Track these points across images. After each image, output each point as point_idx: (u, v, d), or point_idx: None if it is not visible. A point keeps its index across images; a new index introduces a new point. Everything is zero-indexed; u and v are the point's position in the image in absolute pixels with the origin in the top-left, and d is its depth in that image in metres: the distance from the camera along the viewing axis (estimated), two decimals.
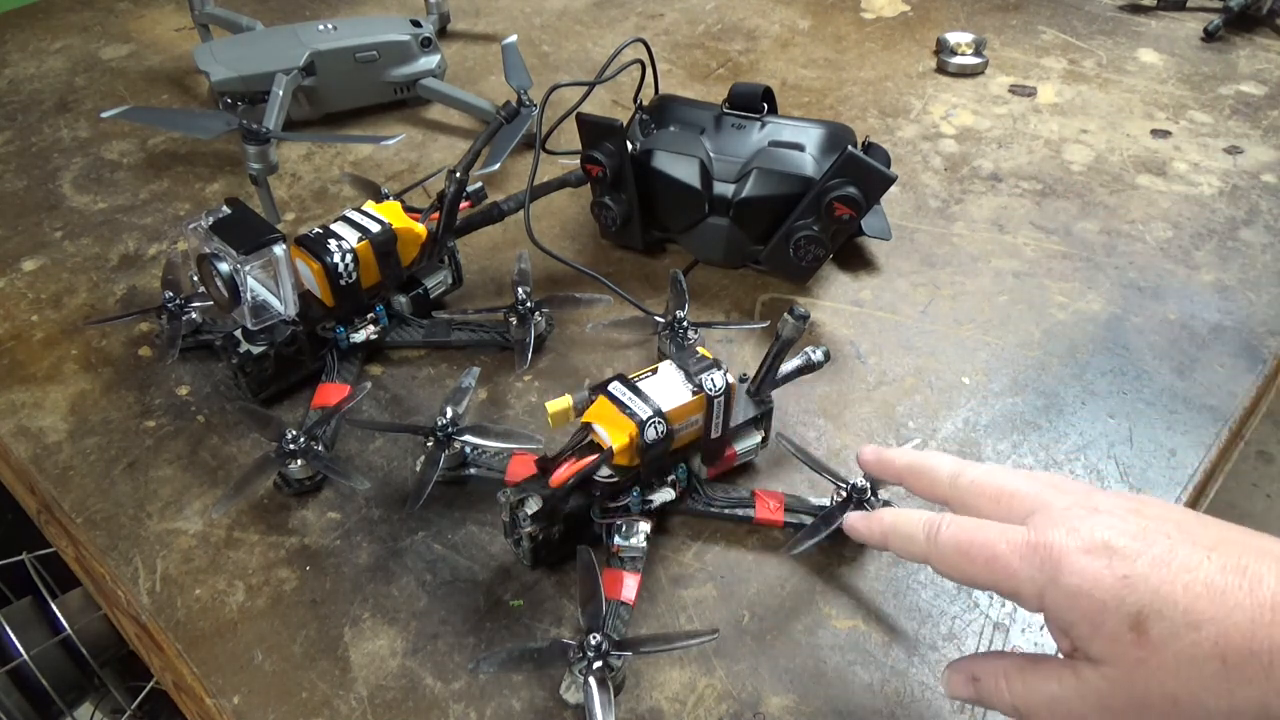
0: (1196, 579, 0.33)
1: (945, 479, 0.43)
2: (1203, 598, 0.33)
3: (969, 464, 0.43)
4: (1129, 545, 0.35)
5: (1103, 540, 0.35)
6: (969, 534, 0.39)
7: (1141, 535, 0.35)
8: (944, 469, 0.43)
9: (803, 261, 0.67)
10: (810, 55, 1.02)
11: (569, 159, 0.82)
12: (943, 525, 0.40)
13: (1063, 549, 0.36)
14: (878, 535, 0.45)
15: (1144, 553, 0.34)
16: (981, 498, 0.41)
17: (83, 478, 0.59)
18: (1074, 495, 0.39)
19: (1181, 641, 0.33)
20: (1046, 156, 0.86)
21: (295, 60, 0.85)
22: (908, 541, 0.42)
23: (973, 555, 0.38)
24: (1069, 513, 0.37)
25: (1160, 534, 0.35)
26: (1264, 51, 1.01)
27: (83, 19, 1.10)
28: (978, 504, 0.41)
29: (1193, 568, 0.34)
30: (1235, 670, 0.32)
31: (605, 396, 0.49)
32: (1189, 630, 0.33)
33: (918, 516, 0.42)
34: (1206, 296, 0.71)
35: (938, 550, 0.40)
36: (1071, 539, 0.36)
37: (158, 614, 0.52)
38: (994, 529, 0.38)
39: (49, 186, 0.84)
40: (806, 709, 0.47)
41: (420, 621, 0.51)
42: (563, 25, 1.08)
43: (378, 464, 0.59)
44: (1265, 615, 0.32)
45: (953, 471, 0.43)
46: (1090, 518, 0.36)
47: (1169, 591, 0.33)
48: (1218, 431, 0.61)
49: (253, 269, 0.57)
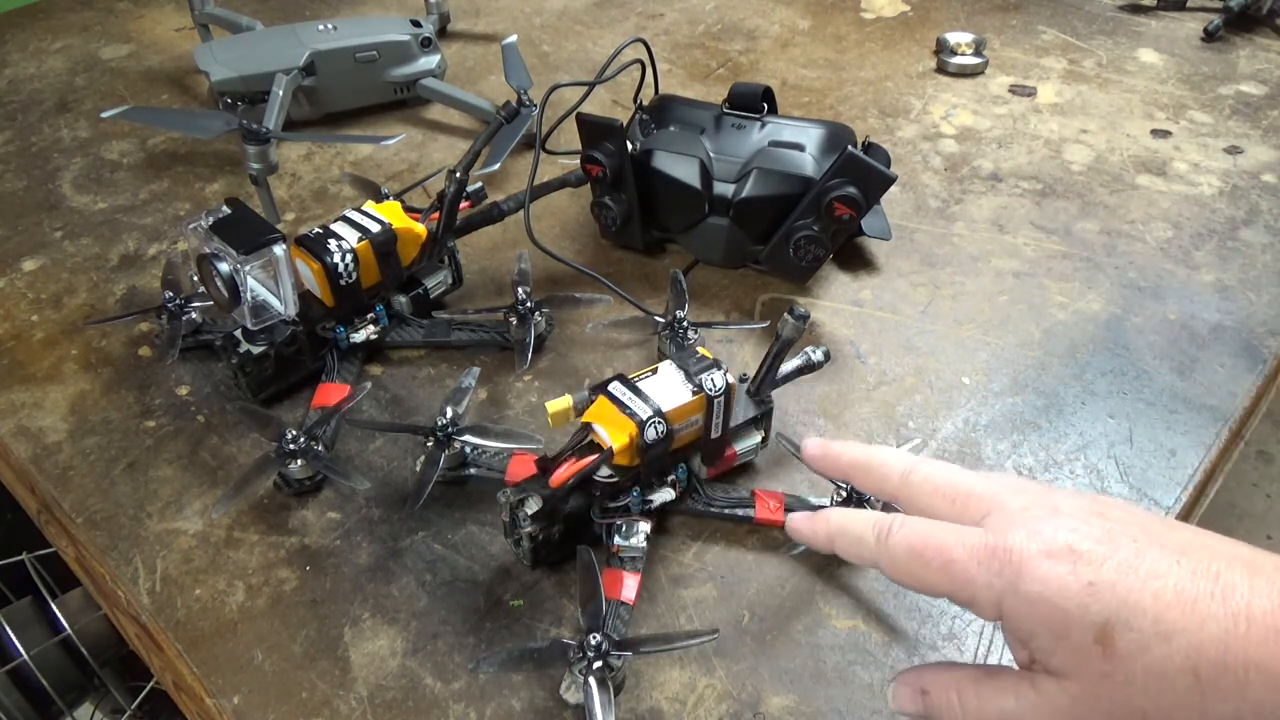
0: (1166, 586, 0.31)
1: (896, 475, 0.41)
2: (1173, 607, 0.31)
3: (921, 460, 0.41)
4: (1093, 549, 0.33)
5: (1066, 544, 0.33)
6: (922, 536, 0.36)
7: (1106, 539, 0.33)
8: (894, 465, 0.41)
9: (803, 261, 0.67)
10: (810, 55, 1.02)
11: (569, 159, 0.82)
12: (894, 526, 0.37)
13: (1023, 553, 0.33)
14: (822, 537, 0.42)
15: (1110, 557, 0.32)
16: (935, 496, 0.39)
17: (83, 478, 0.59)
18: (1031, 495, 0.36)
19: (1151, 654, 0.31)
20: (1046, 156, 0.86)
21: (295, 60, 0.85)
22: (856, 544, 0.39)
23: (927, 559, 0.36)
24: (1028, 514, 0.35)
25: (1126, 537, 0.33)
26: (1264, 51, 1.01)
27: (83, 19, 1.10)
28: (931, 503, 0.39)
29: (1162, 574, 0.32)
30: (1209, 685, 0.30)
31: (605, 396, 0.49)
32: (1159, 642, 0.31)
33: (867, 517, 0.39)
34: (1206, 296, 0.71)
35: (889, 553, 0.37)
36: (1032, 542, 0.34)
37: (158, 614, 0.52)
38: (950, 531, 0.36)
39: (49, 186, 0.84)
40: (806, 709, 0.47)
41: (420, 621, 0.51)
42: (563, 25, 1.08)
43: (378, 464, 0.59)
44: (1240, 626, 0.30)
45: (904, 468, 0.40)
46: (1051, 519, 0.34)
47: (1137, 600, 0.31)
48: (1218, 431, 0.61)
49: (253, 269, 0.56)
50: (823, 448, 0.45)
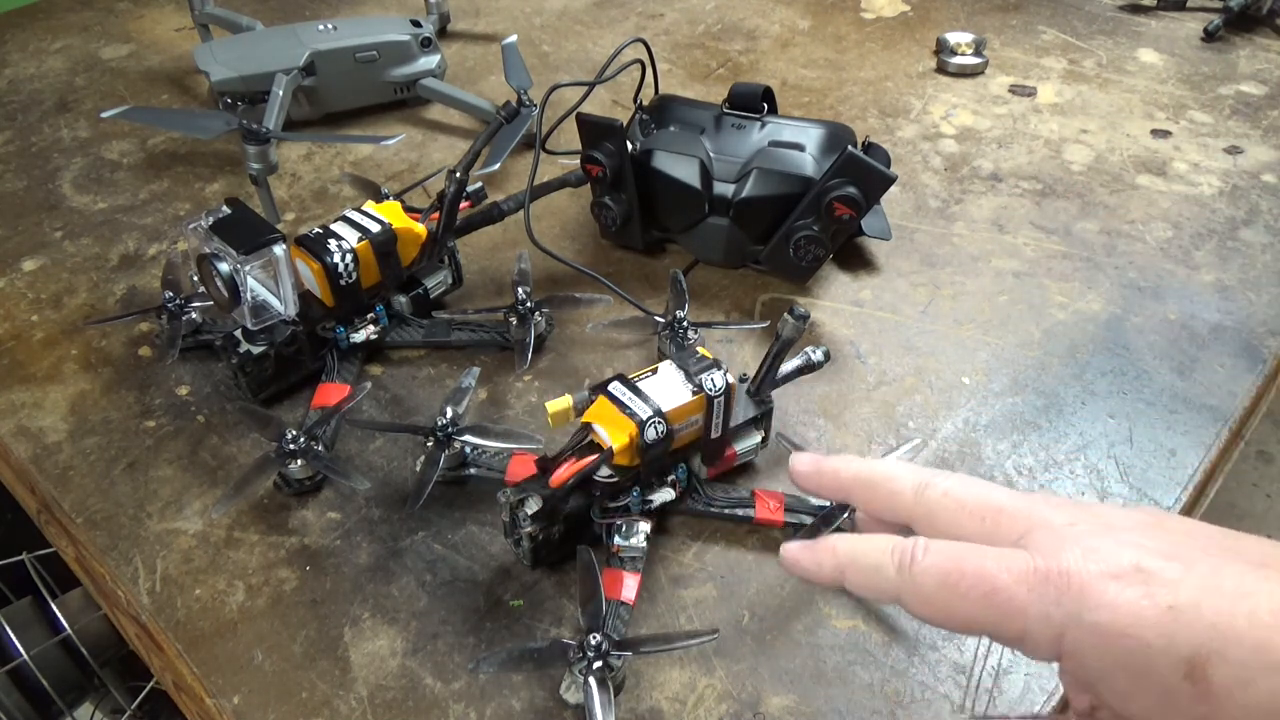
0: (1260, 606, 0.26)
1: (909, 491, 0.34)
2: (1275, 630, 0.25)
3: (936, 472, 0.35)
4: (1165, 567, 0.27)
5: (1132, 563, 0.28)
6: (955, 561, 0.30)
7: (1176, 554, 0.28)
8: (906, 480, 0.35)
9: (803, 261, 0.67)
10: (810, 55, 1.02)
11: (569, 159, 0.82)
12: (918, 552, 0.31)
13: (1084, 576, 0.28)
14: (829, 570, 0.34)
15: (1185, 576, 0.27)
16: (960, 514, 0.33)
17: (83, 478, 0.59)
18: (1074, 509, 0.31)
19: (1256, 689, 0.25)
20: (1046, 156, 0.86)
21: (295, 60, 0.85)
22: (872, 575, 0.33)
23: (963, 589, 0.30)
24: (1077, 530, 0.29)
25: (1196, 550, 0.28)
26: (1264, 51, 1.01)
27: (83, 19, 1.10)
28: (955, 522, 0.33)
29: (1250, 591, 0.26)
30: None
31: (605, 396, 0.49)
32: (1266, 674, 0.25)
33: (883, 543, 0.33)
34: (1206, 296, 0.71)
35: (914, 585, 0.31)
36: (1091, 562, 0.28)
37: (158, 614, 0.52)
38: (988, 554, 0.30)
39: (49, 186, 0.84)
40: (806, 709, 0.47)
41: (420, 621, 0.51)
42: (563, 25, 1.08)
43: (378, 464, 0.59)
44: None
45: (918, 483, 0.34)
46: (1107, 535, 0.29)
47: (1229, 624, 0.26)
48: (1218, 431, 0.61)
49: (253, 269, 0.56)
50: (815, 464, 0.38)
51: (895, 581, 0.32)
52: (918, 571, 0.31)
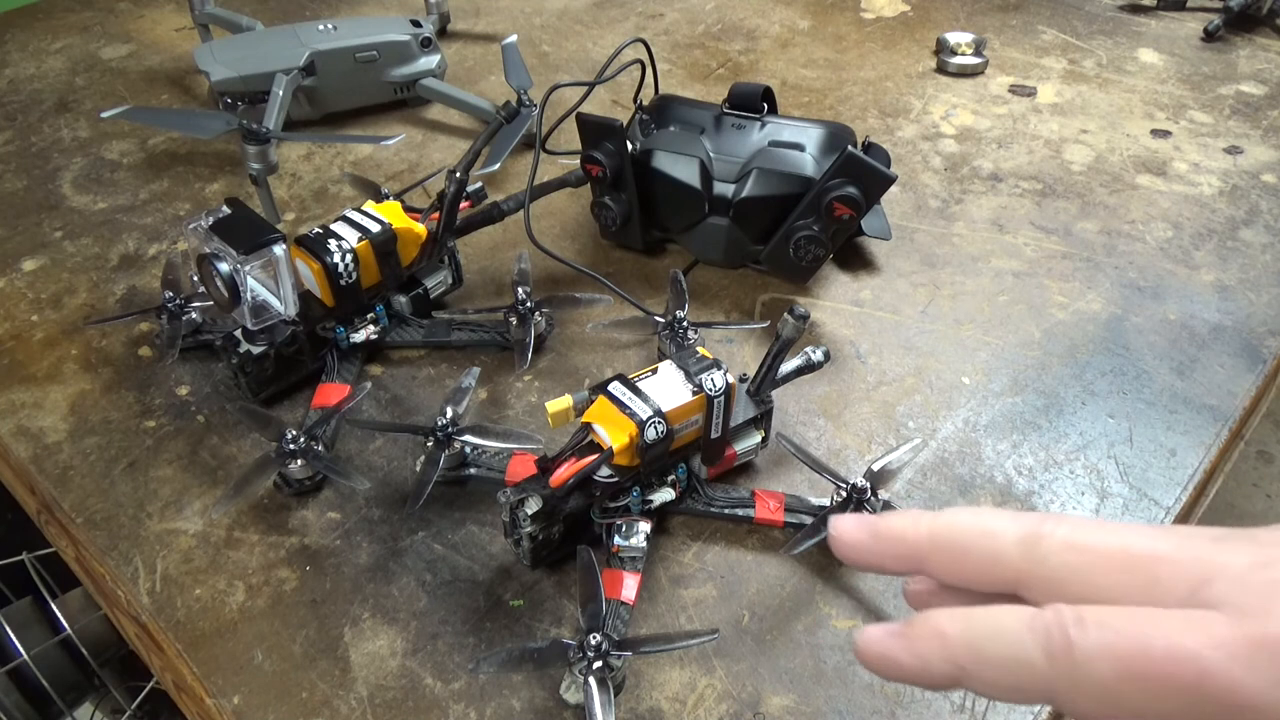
0: None
1: (1012, 546, 0.26)
2: None
3: (1043, 517, 0.26)
4: None
5: None
6: (1137, 637, 0.22)
7: None
8: (1005, 530, 0.26)
9: (803, 261, 0.67)
10: (810, 55, 1.02)
11: (569, 159, 0.82)
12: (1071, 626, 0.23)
13: None
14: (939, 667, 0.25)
15: None
16: (1097, 569, 0.24)
17: (83, 478, 0.59)
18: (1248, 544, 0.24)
19: None
20: (1046, 156, 0.86)
21: (295, 60, 0.85)
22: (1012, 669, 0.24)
23: (1155, 676, 0.22)
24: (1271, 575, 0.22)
25: None
26: (1264, 51, 1.01)
27: (83, 19, 1.10)
28: (1091, 582, 0.24)
29: None
30: None
31: (605, 396, 0.49)
32: None
33: (1017, 617, 0.24)
34: (1206, 296, 0.71)
35: (1080, 676, 0.22)
36: None
37: (158, 614, 0.52)
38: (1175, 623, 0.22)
39: (49, 186, 0.84)
40: (806, 709, 0.47)
41: (420, 621, 0.51)
42: (563, 25, 1.08)
43: (378, 464, 0.59)
44: None
45: (1024, 532, 0.26)
46: None
47: None
48: (1218, 431, 0.61)
49: (253, 269, 0.56)
50: (868, 529, 0.28)
51: (1048, 675, 0.23)
52: (1083, 653, 0.22)
